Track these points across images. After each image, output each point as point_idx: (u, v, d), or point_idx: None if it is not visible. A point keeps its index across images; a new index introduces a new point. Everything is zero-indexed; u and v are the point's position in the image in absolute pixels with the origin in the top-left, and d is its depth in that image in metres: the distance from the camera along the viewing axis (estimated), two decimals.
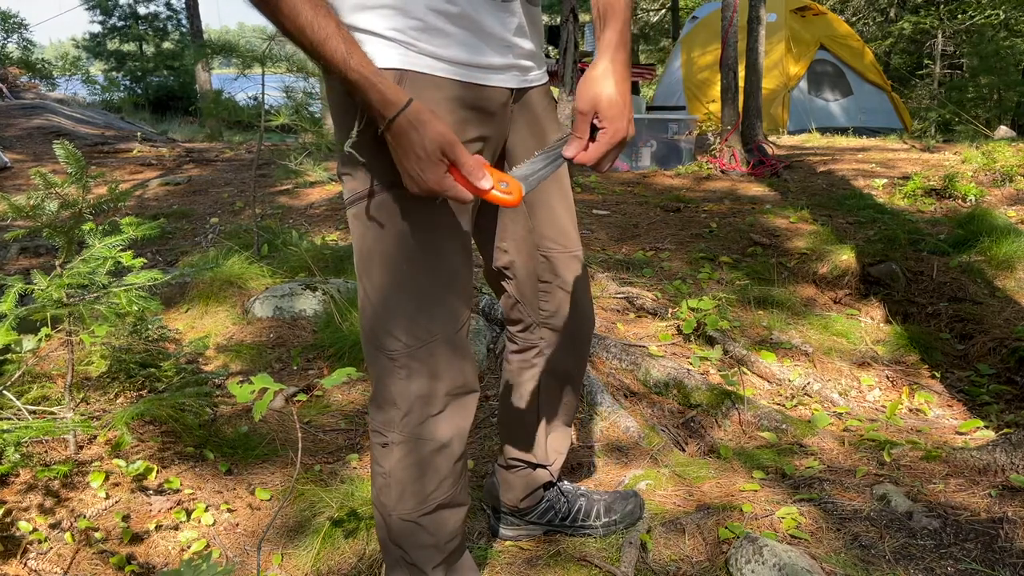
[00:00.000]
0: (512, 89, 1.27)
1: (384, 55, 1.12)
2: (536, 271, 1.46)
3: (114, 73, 19.19)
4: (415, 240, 1.19)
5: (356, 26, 1.12)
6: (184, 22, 18.42)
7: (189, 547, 1.74)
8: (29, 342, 2.11)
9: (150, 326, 2.42)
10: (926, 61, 17.22)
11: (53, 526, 1.74)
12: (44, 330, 2.02)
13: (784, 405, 2.55)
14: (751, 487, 1.93)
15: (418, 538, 1.33)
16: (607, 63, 1.17)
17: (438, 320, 1.22)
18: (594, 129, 1.18)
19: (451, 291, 1.23)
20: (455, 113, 1.18)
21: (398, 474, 1.28)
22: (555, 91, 5.15)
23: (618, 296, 3.29)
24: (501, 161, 1.35)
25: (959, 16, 16.07)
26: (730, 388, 2.51)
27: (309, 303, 2.99)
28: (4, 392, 1.95)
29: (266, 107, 3.59)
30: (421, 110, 1.07)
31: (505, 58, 1.23)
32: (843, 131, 9.53)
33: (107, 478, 1.88)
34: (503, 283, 1.48)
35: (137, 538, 1.75)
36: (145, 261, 2.27)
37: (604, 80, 1.16)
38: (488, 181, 1.11)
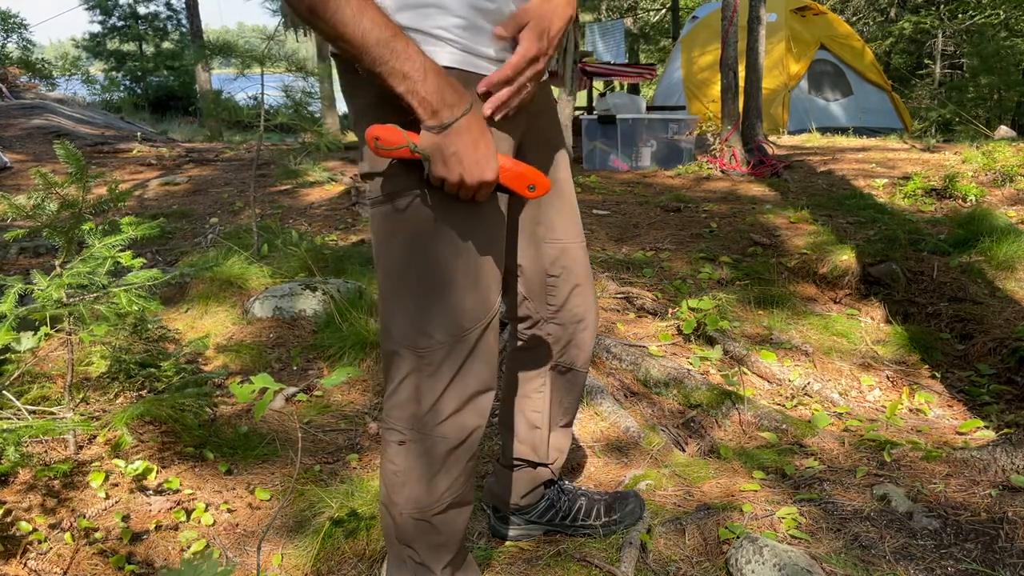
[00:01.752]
0: None
1: (430, 53, 1.12)
2: (543, 266, 1.47)
3: (114, 73, 19.20)
4: (459, 238, 1.18)
5: (401, 25, 1.12)
6: (184, 22, 18.42)
7: (189, 547, 1.74)
8: (28, 341, 2.11)
9: (150, 326, 2.42)
10: (926, 61, 17.22)
11: (53, 526, 1.74)
12: (43, 329, 2.02)
13: (784, 405, 2.55)
14: (751, 487, 1.93)
15: (429, 537, 1.33)
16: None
17: (471, 317, 1.22)
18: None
19: (487, 288, 1.23)
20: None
21: (413, 472, 1.28)
22: (555, 91, 5.13)
23: (618, 296, 3.29)
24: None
25: (959, 16, 16.07)
26: (730, 388, 2.51)
27: (309, 303, 2.99)
28: (4, 392, 1.95)
29: (266, 107, 3.59)
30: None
31: None
32: (843, 131, 9.53)
33: (107, 478, 1.88)
34: (511, 280, 1.48)
35: (137, 538, 1.75)
36: (145, 261, 2.27)
37: (551, 3, 1.18)
38: (521, 164, 1.18)
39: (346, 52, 1.07)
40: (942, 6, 16.57)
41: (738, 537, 1.67)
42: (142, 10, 19.36)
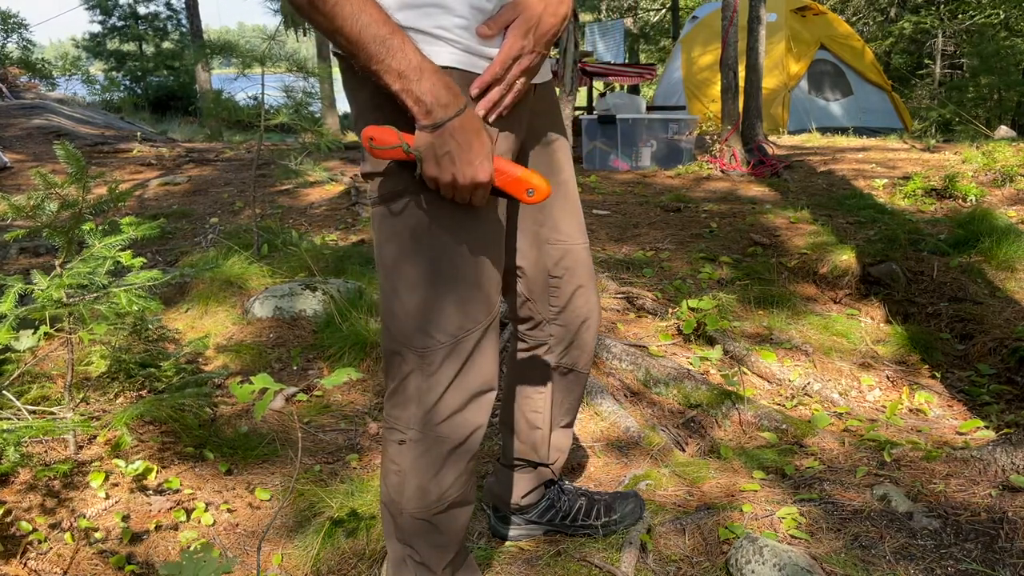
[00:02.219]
0: (534, 85, 1.28)
1: (431, 53, 1.12)
2: (546, 267, 1.46)
3: (114, 73, 19.20)
4: (459, 238, 1.18)
5: (401, 24, 1.11)
6: (184, 22, 18.42)
7: (189, 547, 1.74)
8: (27, 340, 2.11)
9: (150, 326, 2.42)
10: (926, 61, 17.22)
11: (53, 526, 1.74)
12: (43, 328, 2.02)
13: (784, 405, 2.55)
14: (751, 487, 1.93)
15: (430, 537, 1.33)
16: None
17: (472, 317, 1.22)
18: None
19: (488, 288, 1.23)
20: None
21: (414, 472, 1.28)
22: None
23: (618, 296, 3.29)
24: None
25: (959, 16, 16.08)
26: (730, 388, 2.51)
27: (309, 303, 2.99)
28: (4, 392, 1.95)
29: (266, 107, 3.59)
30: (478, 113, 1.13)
31: None
32: (843, 131, 9.53)
33: (107, 478, 1.88)
34: (512, 280, 1.48)
35: (137, 538, 1.75)
36: (145, 261, 2.26)
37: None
38: (520, 168, 1.17)
39: (343, 48, 1.07)
40: (942, 6, 16.57)
41: (738, 537, 1.67)
42: (142, 10, 19.37)
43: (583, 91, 8.99)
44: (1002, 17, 15.18)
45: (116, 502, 1.83)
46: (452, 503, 1.31)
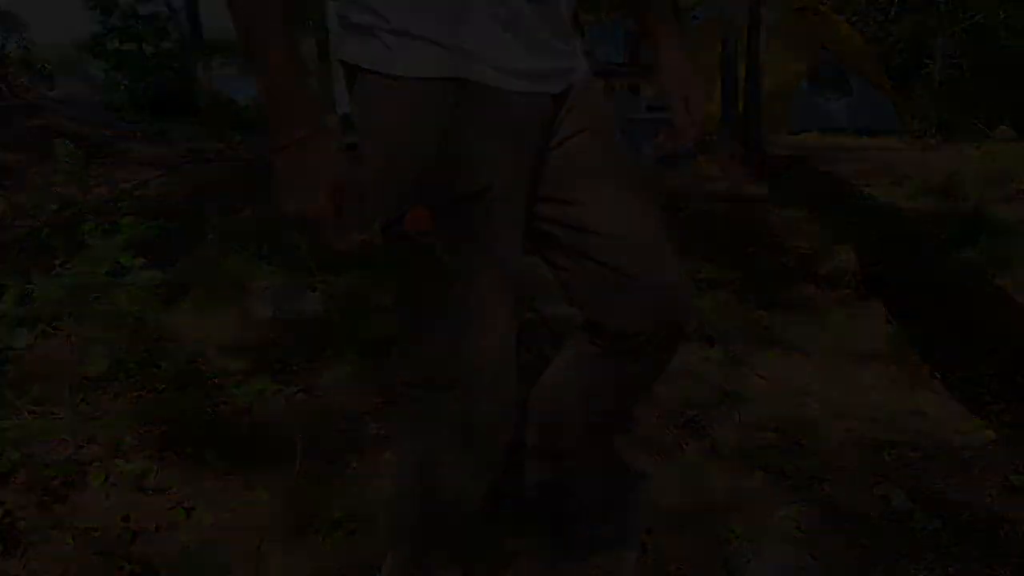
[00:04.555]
0: (552, 95, 1.20)
1: (440, 62, 1.08)
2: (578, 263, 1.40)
3: (114, 73, 19.18)
4: (471, 259, 1.15)
5: (410, 31, 1.07)
6: (184, 22, 18.41)
7: (189, 547, 1.74)
8: (23, 338, 2.11)
9: (150, 326, 2.42)
10: (926, 61, 17.21)
11: (53, 526, 1.74)
12: (39, 326, 2.02)
13: (784, 405, 2.55)
14: (751, 487, 1.93)
15: (432, 540, 1.33)
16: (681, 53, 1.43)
17: (480, 349, 1.20)
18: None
19: (498, 322, 1.20)
20: (505, 125, 1.13)
21: (419, 473, 1.28)
22: None
23: None
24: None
25: (959, 16, 16.08)
26: (730, 388, 2.51)
27: (309, 303, 2.99)
28: (4, 392, 1.95)
29: None
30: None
31: (549, 63, 1.18)
32: (843, 131, 9.53)
33: (107, 478, 1.88)
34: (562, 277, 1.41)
35: (137, 538, 1.75)
36: (145, 261, 2.26)
37: (685, 66, 1.42)
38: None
39: (237, 34, 1.04)
40: (942, 6, 16.56)
41: (738, 537, 1.67)
42: (142, 10, 19.33)
43: None
44: (1002, 17, 15.18)
45: (116, 502, 1.83)
46: (457, 505, 1.31)
